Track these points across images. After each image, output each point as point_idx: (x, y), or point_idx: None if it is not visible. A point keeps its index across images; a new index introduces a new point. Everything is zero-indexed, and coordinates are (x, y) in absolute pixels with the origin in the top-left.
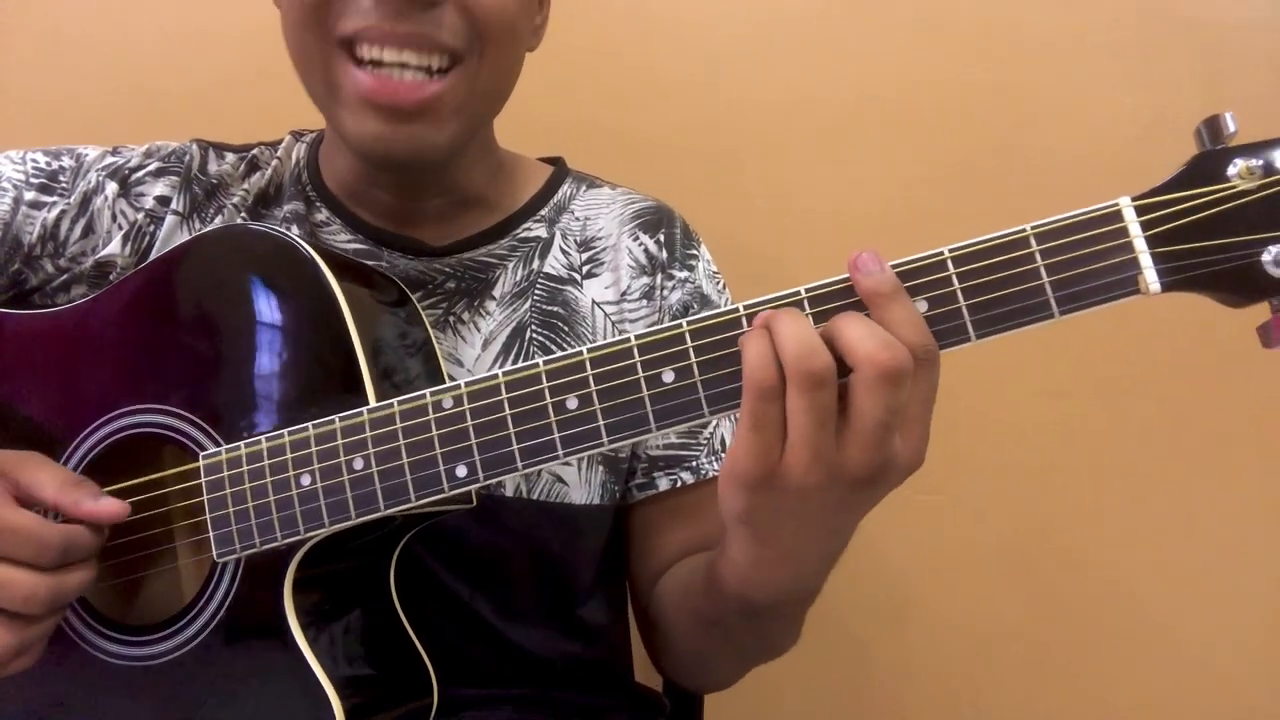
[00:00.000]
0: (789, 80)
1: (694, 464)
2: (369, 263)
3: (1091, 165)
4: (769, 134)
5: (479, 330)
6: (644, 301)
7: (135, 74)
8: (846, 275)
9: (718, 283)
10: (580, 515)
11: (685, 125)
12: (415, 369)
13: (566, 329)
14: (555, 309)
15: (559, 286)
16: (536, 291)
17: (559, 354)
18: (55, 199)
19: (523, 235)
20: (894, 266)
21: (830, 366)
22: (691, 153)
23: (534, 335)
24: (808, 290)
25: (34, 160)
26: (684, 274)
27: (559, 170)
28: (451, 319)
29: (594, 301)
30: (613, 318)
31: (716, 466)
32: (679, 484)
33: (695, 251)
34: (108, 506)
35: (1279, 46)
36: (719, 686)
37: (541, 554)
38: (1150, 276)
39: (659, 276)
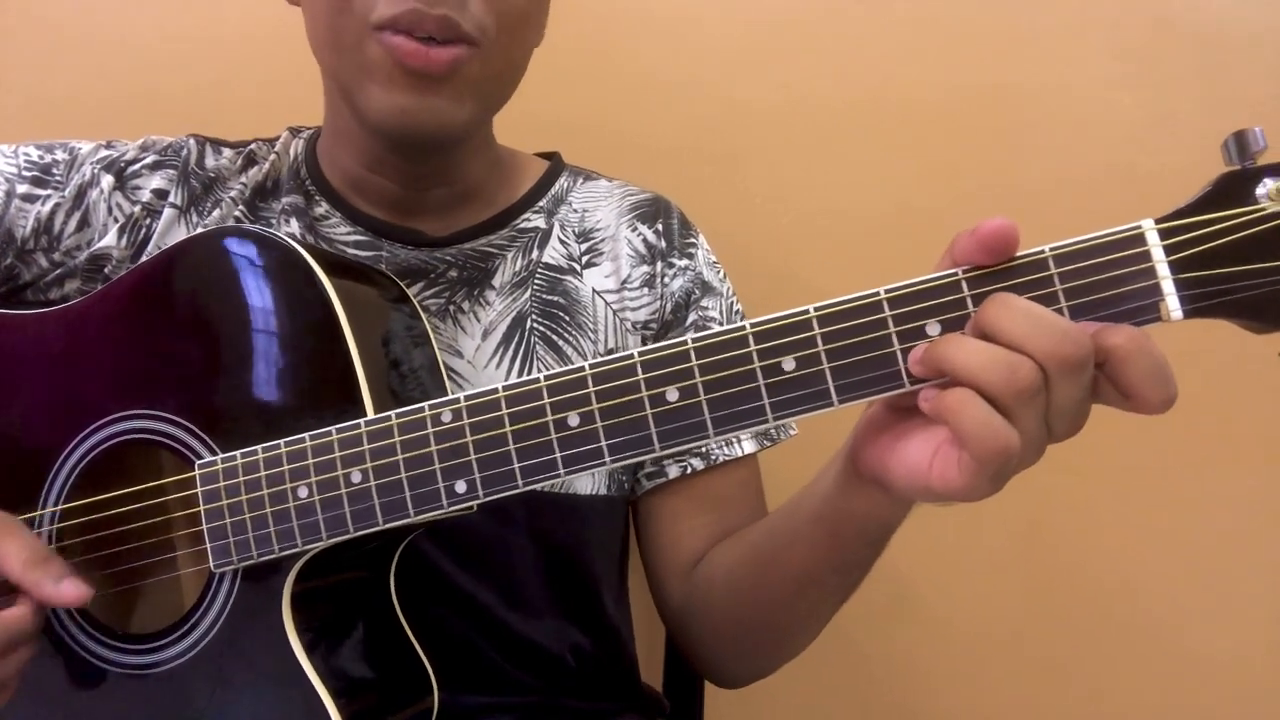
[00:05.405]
0: (789, 80)
1: (703, 449)
2: (368, 258)
3: (1093, 166)
4: (769, 134)
5: (479, 320)
6: (645, 290)
7: (135, 73)
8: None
9: (718, 271)
10: (585, 505)
11: (685, 125)
12: (415, 375)
13: (567, 318)
14: (555, 298)
15: (559, 276)
16: (536, 281)
17: (560, 369)
18: (49, 192)
19: (521, 226)
20: (901, 290)
21: (1038, 377)
22: (691, 153)
23: (534, 325)
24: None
25: (26, 154)
26: (684, 262)
27: (555, 164)
28: (452, 308)
29: (594, 290)
30: (613, 306)
31: (727, 452)
32: (689, 470)
33: (694, 240)
34: (68, 591)
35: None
36: (775, 665)
37: (548, 545)
38: (1172, 304)
39: (659, 265)
